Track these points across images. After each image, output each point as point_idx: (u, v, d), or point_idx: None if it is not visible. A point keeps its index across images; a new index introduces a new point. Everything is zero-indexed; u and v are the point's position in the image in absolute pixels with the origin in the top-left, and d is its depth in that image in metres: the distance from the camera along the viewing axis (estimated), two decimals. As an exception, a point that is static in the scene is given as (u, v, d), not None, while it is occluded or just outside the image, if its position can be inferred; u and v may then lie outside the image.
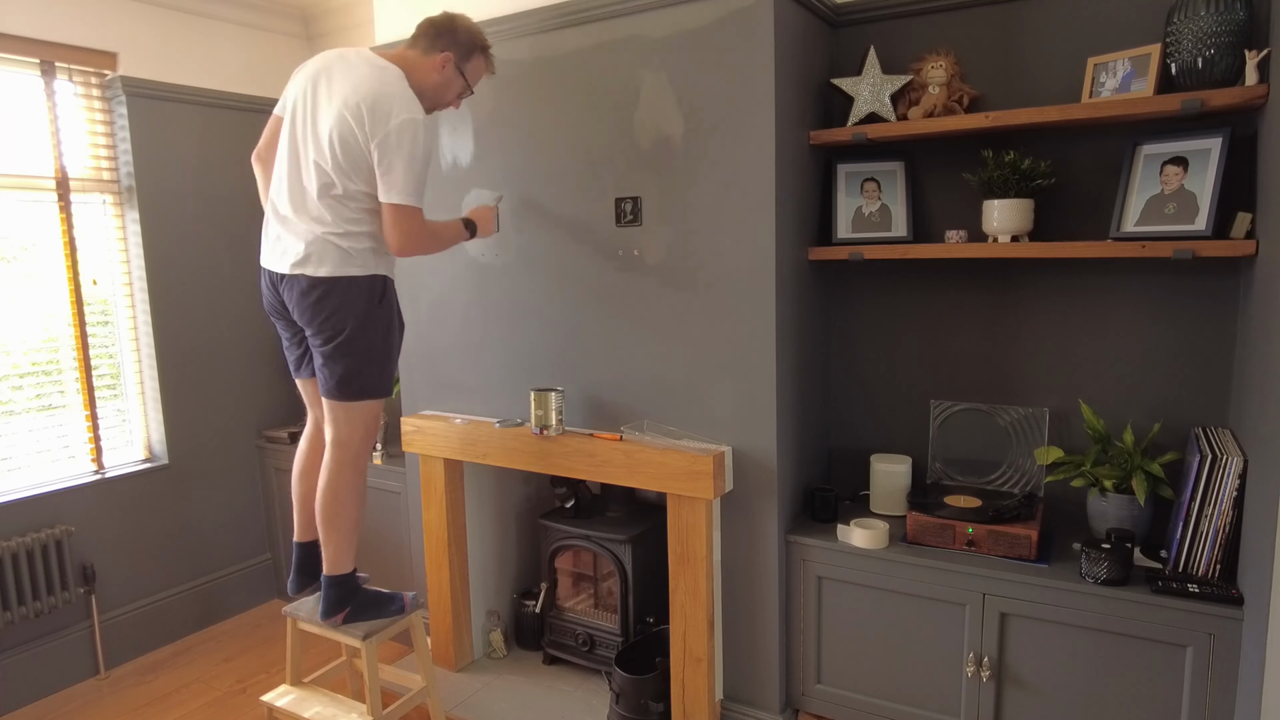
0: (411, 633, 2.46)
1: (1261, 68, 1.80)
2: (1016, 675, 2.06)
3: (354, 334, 2.09)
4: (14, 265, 2.93)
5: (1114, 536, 2.00)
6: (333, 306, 2.07)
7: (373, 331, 2.13)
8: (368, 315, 2.11)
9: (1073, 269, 2.25)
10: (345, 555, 2.24)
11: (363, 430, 2.20)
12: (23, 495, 2.87)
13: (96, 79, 3.08)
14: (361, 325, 2.10)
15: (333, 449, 2.19)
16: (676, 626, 2.39)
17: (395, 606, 2.35)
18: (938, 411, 2.43)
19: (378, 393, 2.19)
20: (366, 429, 2.20)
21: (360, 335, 2.10)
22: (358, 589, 2.31)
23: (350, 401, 2.15)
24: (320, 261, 2.06)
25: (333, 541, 2.21)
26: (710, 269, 2.26)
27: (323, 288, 2.06)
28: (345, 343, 2.09)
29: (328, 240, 2.05)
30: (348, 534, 2.23)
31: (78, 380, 3.08)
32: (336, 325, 2.08)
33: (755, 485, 2.28)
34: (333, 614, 2.26)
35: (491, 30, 2.49)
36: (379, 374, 2.18)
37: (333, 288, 2.07)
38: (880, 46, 2.32)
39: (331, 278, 2.06)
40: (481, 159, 2.64)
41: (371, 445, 2.26)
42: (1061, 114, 2.01)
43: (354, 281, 2.08)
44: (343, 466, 2.19)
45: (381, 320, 2.15)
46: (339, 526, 2.21)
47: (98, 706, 2.87)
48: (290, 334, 2.27)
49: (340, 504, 2.20)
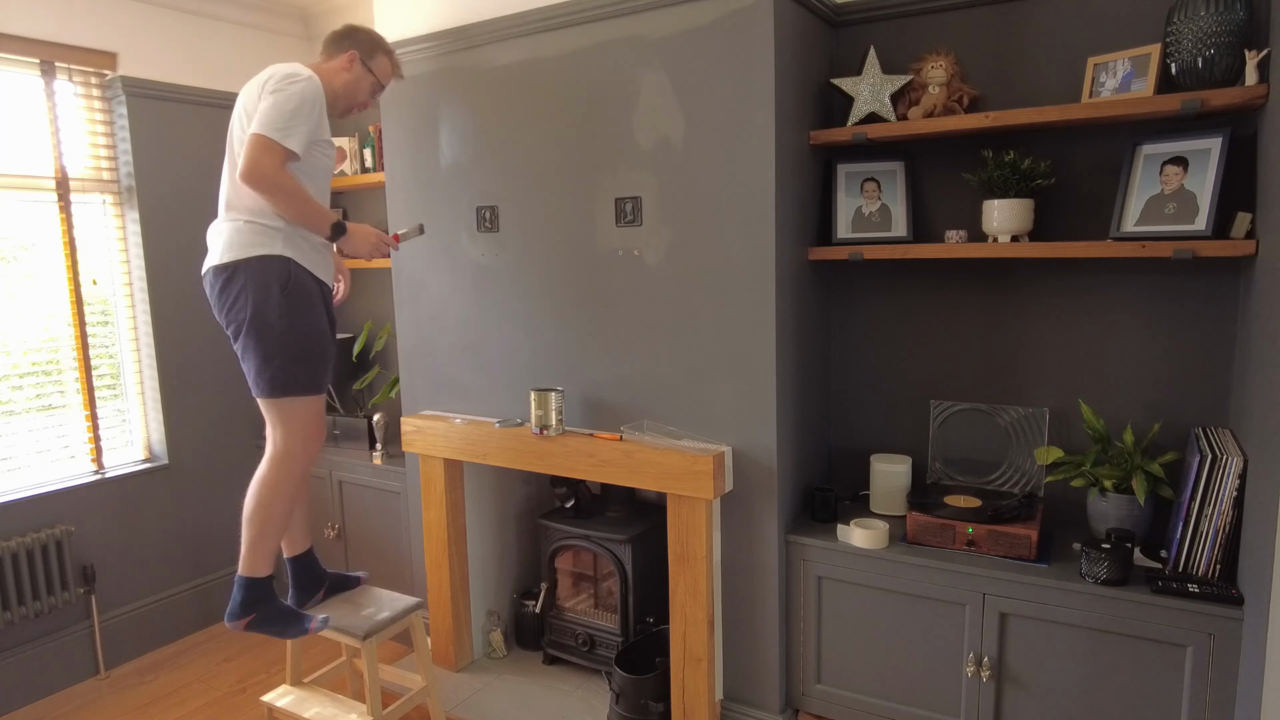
0: (411, 633, 2.45)
1: (1261, 68, 1.80)
2: (1016, 675, 2.06)
3: (260, 321, 2.02)
4: (14, 265, 2.93)
5: (1114, 536, 2.00)
6: (235, 291, 2.03)
7: (283, 320, 2.04)
8: (272, 300, 2.03)
9: (1073, 269, 2.25)
10: (263, 558, 2.16)
11: (299, 432, 2.11)
12: (23, 495, 2.87)
13: (96, 79, 3.08)
14: (266, 310, 2.02)
15: (269, 449, 2.14)
16: (676, 626, 2.39)
17: (299, 628, 2.19)
18: (938, 411, 2.43)
19: (301, 388, 2.09)
20: (304, 430, 2.12)
21: (267, 322, 2.02)
22: (270, 597, 2.19)
23: (273, 398, 2.08)
24: (226, 248, 2.05)
25: (251, 541, 2.14)
26: (710, 269, 2.26)
27: (226, 273, 2.04)
28: (251, 330, 2.03)
29: (235, 225, 2.06)
30: (270, 537, 2.15)
31: (78, 380, 3.08)
32: (240, 312, 2.03)
33: (755, 485, 2.28)
34: (237, 617, 2.15)
35: (491, 30, 2.50)
36: (297, 367, 2.07)
37: (235, 271, 2.03)
38: (880, 46, 2.32)
39: (234, 261, 2.03)
40: (481, 159, 2.64)
41: (312, 449, 2.16)
42: (1061, 114, 2.01)
43: (256, 263, 2.03)
44: (274, 466, 2.12)
45: (291, 308, 2.06)
46: (261, 528, 2.13)
47: (98, 706, 2.87)
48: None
49: (265, 506, 2.12)
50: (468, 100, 2.62)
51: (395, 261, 2.92)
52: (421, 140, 2.76)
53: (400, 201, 2.87)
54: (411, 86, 2.75)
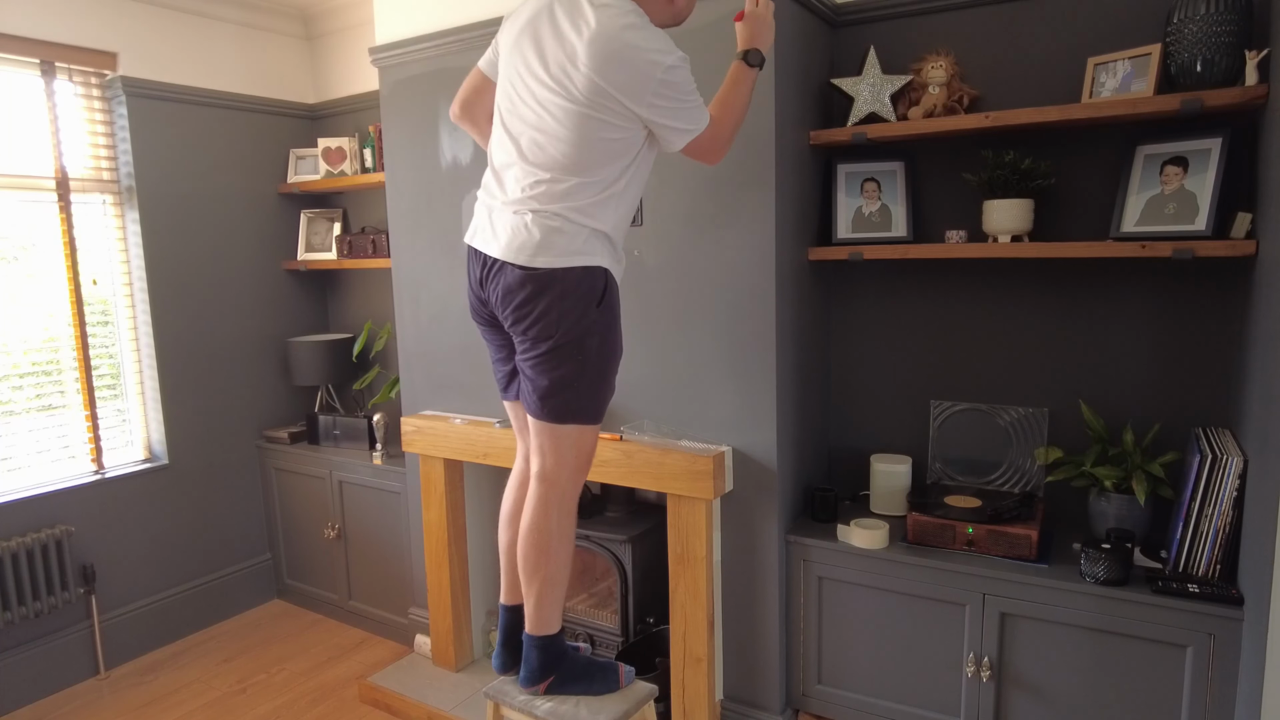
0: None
1: (1261, 68, 1.80)
2: (1016, 675, 2.06)
3: (571, 341, 1.73)
4: (14, 265, 2.93)
5: (1114, 536, 2.00)
6: (545, 302, 1.70)
7: (595, 340, 1.76)
8: (589, 319, 1.74)
9: (1073, 269, 2.24)
10: (552, 612, 1.89)
11: (573, 462, 1.84)
12: (23, 495, 2.87)
13: (96, 79, 3.09)
14: (581, 330, 1.74)
15: (538, 483, 1.85)
16: (676, 626, 2.39)
17: (610, 680, 1.94)
18: (938, 411, 2.43)
19: (587, 416, 1.82)
20: (577, 460, 1.85)
21: (580, 343, 1.74)
22: (565, 653, 1.93)
23: (557, 424, 1.79)
24: (539, 249, 1.69)
25: (536, 594, 1.86)
26: (710, 269, 2.26)
27: (536, 280, 1.70)
28: (557, 350, 1.73)
29: (550, 223, 1.69)
30: (555, 585, 1.87)
31: (78, 380, 3.08)
32: (548, 327, 1.72)
33: (755, 485, 2.28)
34: (535, 682, 1.89)
35: (492, 30, 2.49)
36: (593, 393, 1.81)
37: (549, 280, 1.70)
38: (880, 46, 2.32)
39: (550, 270, 1.70)
40: (482, 159, 2.63)
41: (582, 482, 1.90)
42: (1061, 114, 2.01)
43: (576, 275, 1.71)
44: (549, 506, 1.84)
45: (605, 327, 1.78)
46: (545, 576, 1.86)
47: (98, 706, 2.87)
48: (499, 342, 1.91)
49: (546, 551, 1.85)
50: (468, 100, 2.62)
51: (395, 261, 2.92)
52: (422, 140, 2.76)
53: (400, 201, 2.87)
54: (411, 86, 2.75)
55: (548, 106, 1.68)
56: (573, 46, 1.65)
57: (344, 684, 2.96)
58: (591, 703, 1.91)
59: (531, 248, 1.69)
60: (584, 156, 1.68)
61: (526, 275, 1.71)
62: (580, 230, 1.71)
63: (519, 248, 1.71)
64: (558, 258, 1.70)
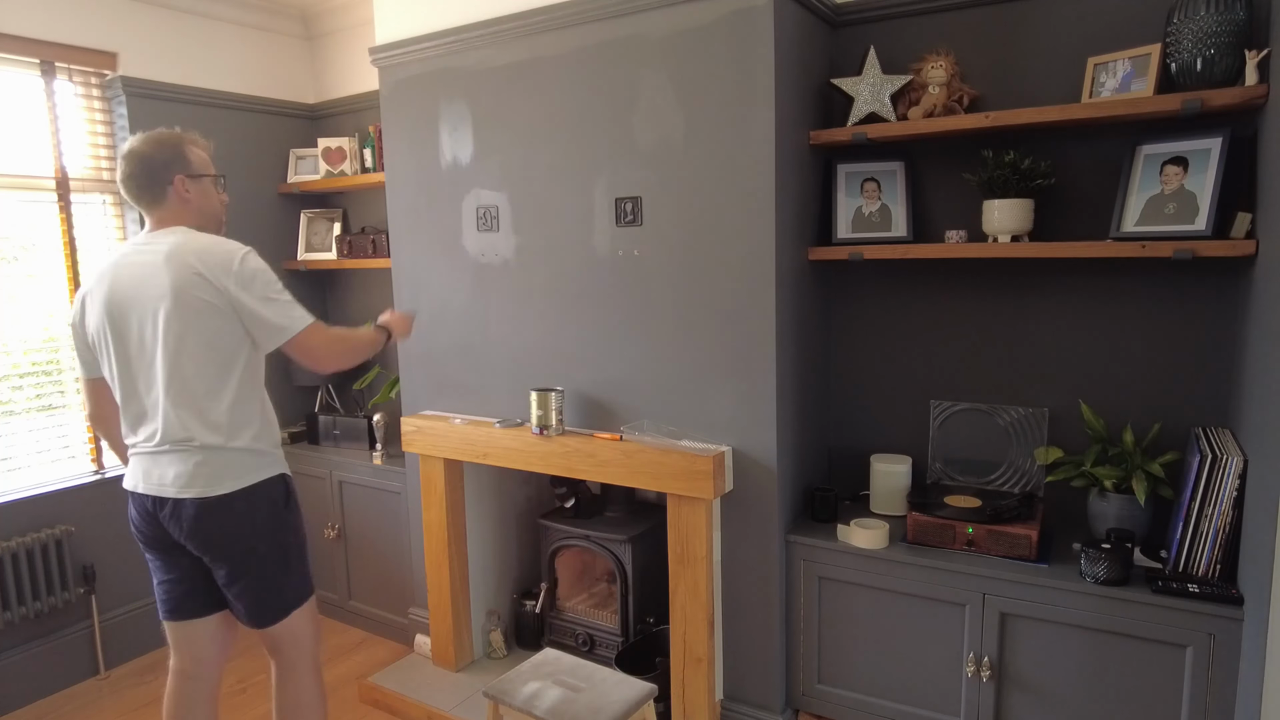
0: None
1: (1261, 68, 1.80)
2: (1016, 675, 2.06)
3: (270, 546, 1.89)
4: (14, 265, 2.93)
5: (1114, 536, 2.00)
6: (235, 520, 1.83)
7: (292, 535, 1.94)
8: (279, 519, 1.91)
9: (1073, 269, 2.24)
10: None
11: (311, 631, 2.01)
12: (23, 495, 2.87)
13: (96, 79, 3.09)
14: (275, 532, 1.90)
15: (287, 672, 1.99)
16: (676, 626, 2.39)
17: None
18: (938, 411, 2.43)
19: (308, 593, 2.00)
20: (314, 628, 2.02)
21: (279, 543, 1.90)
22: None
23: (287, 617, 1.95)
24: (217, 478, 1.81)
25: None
26: (710, 269, 2.26)
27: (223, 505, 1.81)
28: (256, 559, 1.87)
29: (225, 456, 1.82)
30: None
31: (78, 380, 3.08)
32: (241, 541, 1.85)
33: (755, 485, 2.28)
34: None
35: (492, 30, 2.50)
36: (305, 573, 1.99)
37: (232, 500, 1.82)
38: (880, 46, 2.32)
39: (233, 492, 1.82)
40: (481, 159, 2.64)
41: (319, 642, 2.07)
42: (1061, 114, 2.01)
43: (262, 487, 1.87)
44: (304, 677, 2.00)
45: (296, 522, 1.96)
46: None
47: (98, 706, 2.87)
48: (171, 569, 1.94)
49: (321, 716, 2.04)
50: (468, 100, 2.62)
51: (395, 261, 2.92)
52: (421, 140, 2.76)
53: (400, 201, 2.87)
54: (411, 86, 2.75)
55: None
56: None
57: (344, 684, 2.96)
58: (592, 702, 1.92)
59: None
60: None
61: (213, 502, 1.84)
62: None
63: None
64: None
